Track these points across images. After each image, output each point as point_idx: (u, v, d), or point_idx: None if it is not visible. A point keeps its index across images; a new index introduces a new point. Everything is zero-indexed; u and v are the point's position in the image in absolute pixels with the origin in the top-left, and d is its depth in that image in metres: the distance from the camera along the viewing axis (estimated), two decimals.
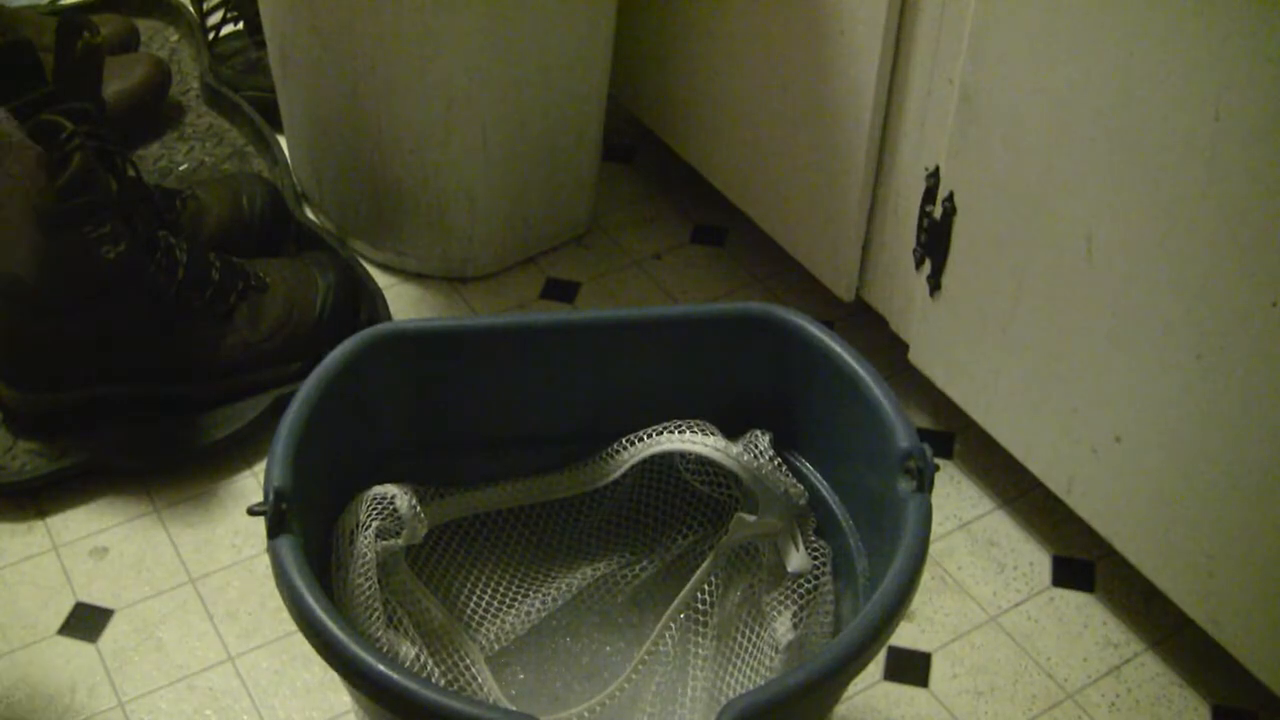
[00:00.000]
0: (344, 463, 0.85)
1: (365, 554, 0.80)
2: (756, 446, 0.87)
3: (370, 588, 0.79)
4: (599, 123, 1.38)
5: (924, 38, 1.07)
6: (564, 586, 0.93)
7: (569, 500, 0.93)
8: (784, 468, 0.88)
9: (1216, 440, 0.93)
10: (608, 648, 0.92)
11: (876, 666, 1.06)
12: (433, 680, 0.79)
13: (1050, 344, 1.03)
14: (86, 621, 1.06)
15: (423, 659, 0.80)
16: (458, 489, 0.90)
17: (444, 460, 0.90)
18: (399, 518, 0.83)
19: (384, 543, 0.82)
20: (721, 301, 1.33)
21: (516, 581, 0.93)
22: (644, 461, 0.89)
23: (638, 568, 0.94)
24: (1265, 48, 0.81)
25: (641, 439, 0.89)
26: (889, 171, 1.15)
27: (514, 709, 0.70)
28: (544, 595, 0.92)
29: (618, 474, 0.89)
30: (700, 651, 0.90)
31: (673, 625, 0.91)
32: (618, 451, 0.90)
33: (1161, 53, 0.87)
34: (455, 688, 0.84)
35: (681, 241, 1.42)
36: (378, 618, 0.79)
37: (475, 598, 0.91)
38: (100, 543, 1.11)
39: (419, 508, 0.84)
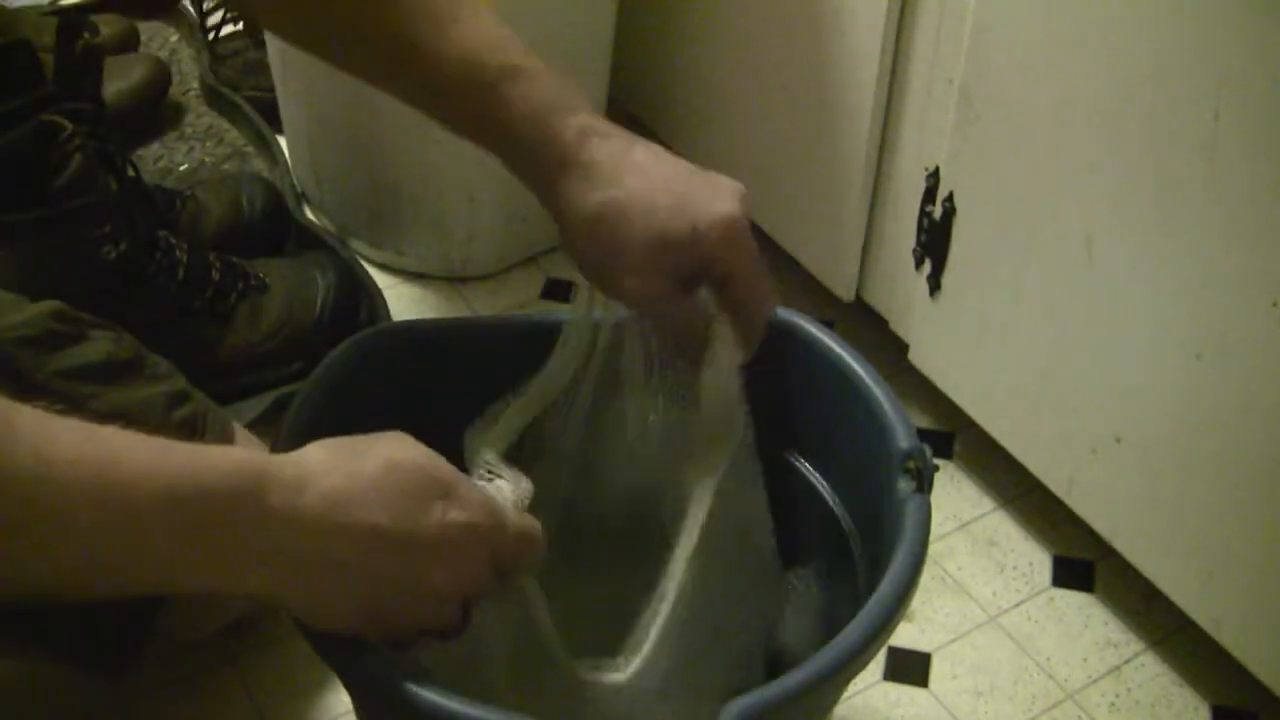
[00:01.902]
0: None
1: None
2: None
3: None
4: None
5: (924, 38, 1.07)
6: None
7: None
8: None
9: (1216, 440, 0.93)
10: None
11: (876, 666, 1.06)
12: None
13: (1050, 344, 1.03)
14: None
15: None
16: None
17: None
18: None
19: None
20: None
21: None
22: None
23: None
24: (1265, 48, 0.81)
25: None
26: (889, 171, 1.15)
27: (514, 712, 0.70)
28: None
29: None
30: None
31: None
32: None
33: (1161, 53, 0.87)
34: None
35: None
36: None
37: None
38: None
39: None
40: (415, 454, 0.67)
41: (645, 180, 0.73)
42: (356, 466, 0.64)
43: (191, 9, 1.64)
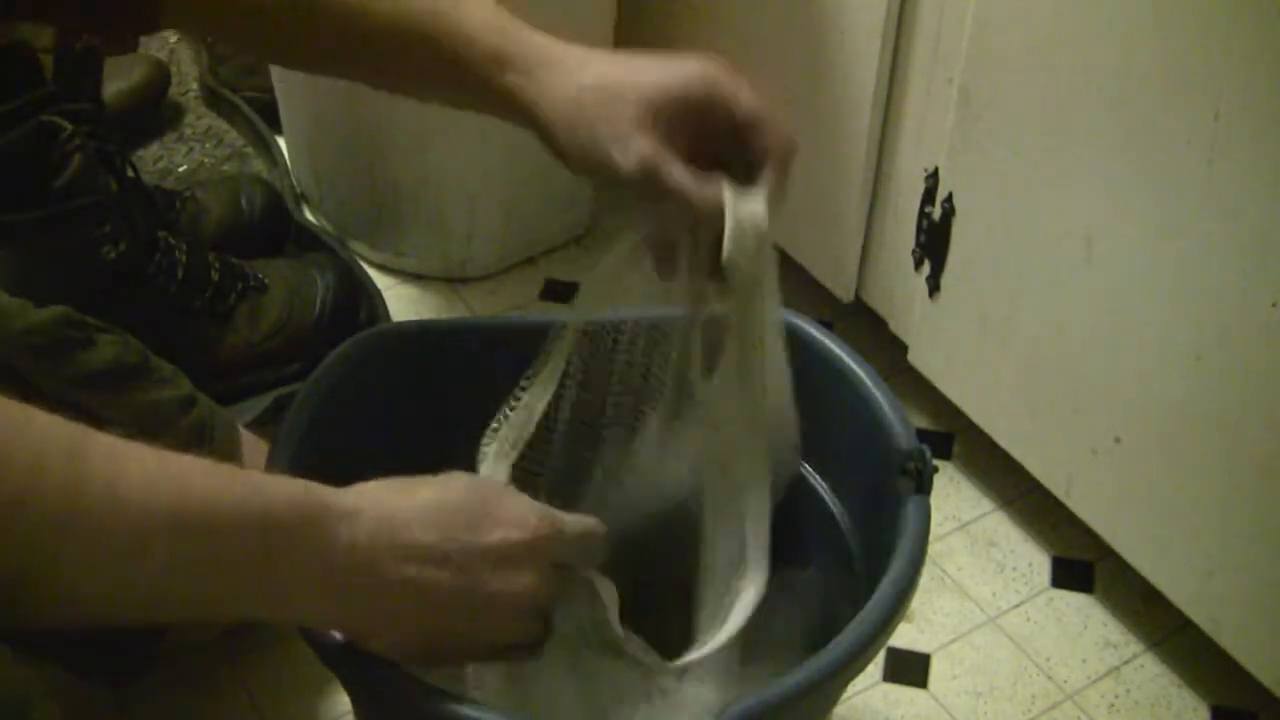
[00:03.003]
0: (344, 464, 0.85)
1: None
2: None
3: None
4: None
5: (924, 38, 1.07)
6: None
7: None
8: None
9: (1216, 440, 0.93)
10: None
11: (876, 667, 1.06)
12: None
13: (1050, 344, 1.03)
14: None
15: None
16: None
17: (444, 461, 0.90)
18: None
19: None
20: None
21: None
22: None
23: None
24: (1265, 48, 0.81)
25: None
26: (889, 172, 1.15)
27: (513, 712, 0.71)
28: None
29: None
30: None
31: None
32: None
33: (1161, 53, 0.87)
34: None
35: None
36: None
37: None
38: None
39: None
40: (464, 480, 0.68)
41: (616, 63, 0.70)
42: (407, 494, 0.65)
43: None
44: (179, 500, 0.57)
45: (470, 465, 0.90)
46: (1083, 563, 1.14)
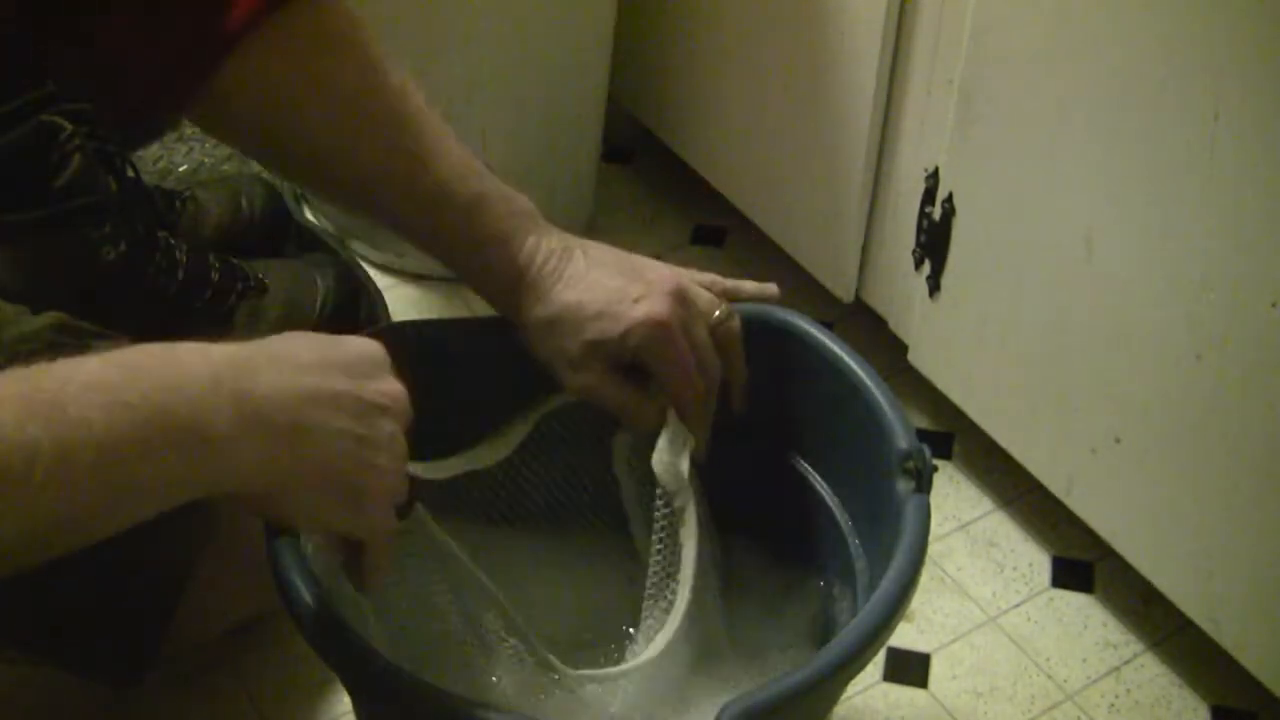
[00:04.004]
0: None
1: None
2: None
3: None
4: (599, 123, 1.37)
5: (924, 38, 1.07)
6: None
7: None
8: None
9: (1216, 440, 0.93)
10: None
11: (876, 667, 1.06)
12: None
13: (1050, 344, 1.03)
14: None
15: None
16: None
17: (443, 461, 0.90)
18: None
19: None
20: None
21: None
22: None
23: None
24: (1265, 48, 0.81)
25: None
26: (889, 172, 1.15)
27: (515, 710, 0.70)
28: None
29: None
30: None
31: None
32: None
33: (1161, 53, 0.87)
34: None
35: (681, 242, 1.42)
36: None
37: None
38: None
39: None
40: (318, 338, 0.74)
41: (578, 293, 0.82)
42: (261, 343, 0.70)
43: None
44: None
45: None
46: (1083, 563, 1.14)
